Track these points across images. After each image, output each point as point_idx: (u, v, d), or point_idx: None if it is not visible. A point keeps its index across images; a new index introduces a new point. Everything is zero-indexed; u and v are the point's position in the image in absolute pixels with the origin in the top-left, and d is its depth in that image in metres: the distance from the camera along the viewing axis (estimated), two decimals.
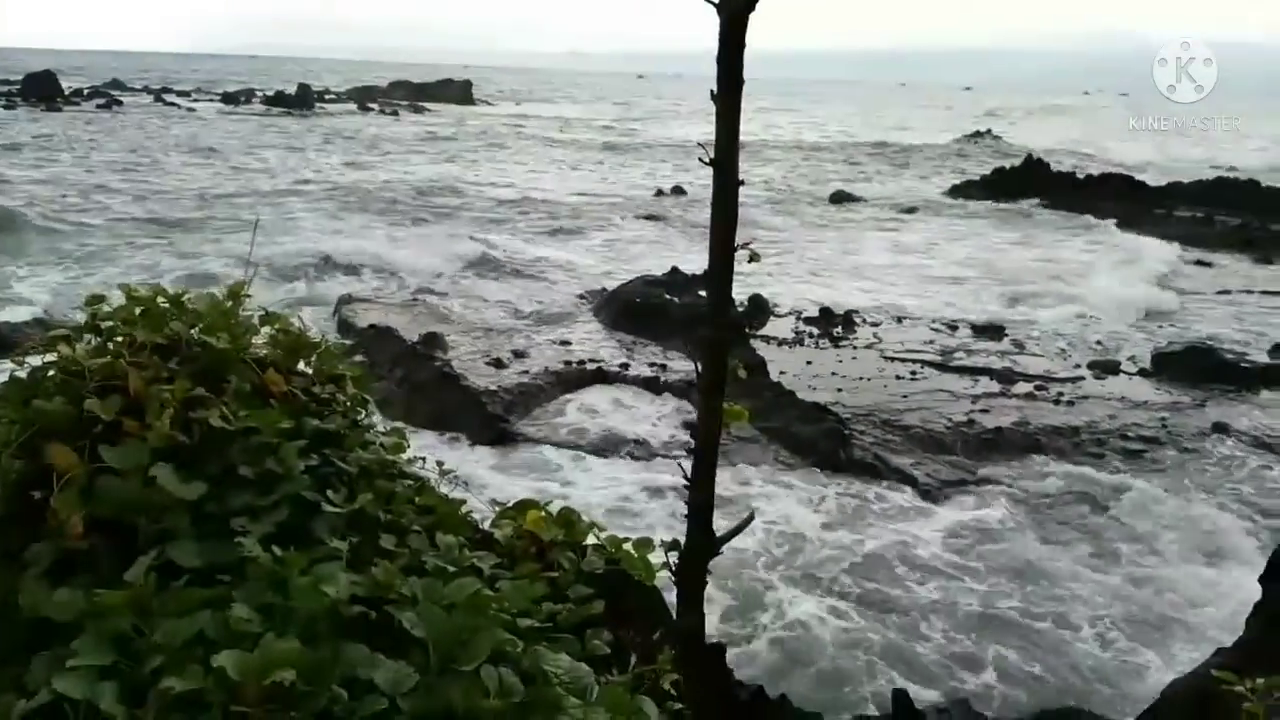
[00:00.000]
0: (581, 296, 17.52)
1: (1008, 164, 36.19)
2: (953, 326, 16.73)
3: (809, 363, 14.30)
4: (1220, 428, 11.93)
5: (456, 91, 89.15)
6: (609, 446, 10.51)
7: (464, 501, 2.70)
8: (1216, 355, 14.55)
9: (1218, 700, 3.19)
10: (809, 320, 16.82)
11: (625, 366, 13.29)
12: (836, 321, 16.69)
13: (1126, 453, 11.22)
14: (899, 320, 17.10)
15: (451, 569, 2.13)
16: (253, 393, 2.32)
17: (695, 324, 14.65)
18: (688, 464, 2.27)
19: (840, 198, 33.15)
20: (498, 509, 2.91)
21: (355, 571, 1.92)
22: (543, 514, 2.77)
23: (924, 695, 6.18)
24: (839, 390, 12.98)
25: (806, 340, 15.67)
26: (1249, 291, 20.81)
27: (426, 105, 77.48)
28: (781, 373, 13.40)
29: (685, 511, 2.36)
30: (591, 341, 14.69)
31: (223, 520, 1.96)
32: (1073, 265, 22.83)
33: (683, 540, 1.88)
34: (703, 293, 17.55)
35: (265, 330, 2.59)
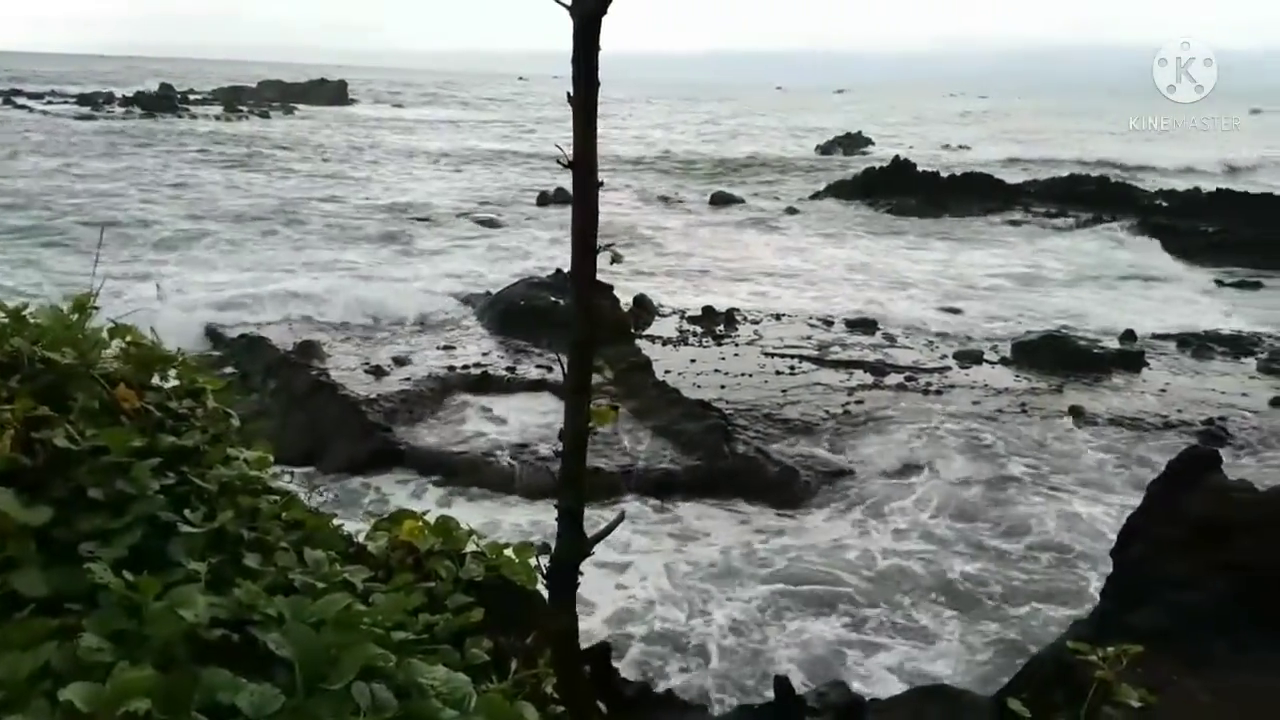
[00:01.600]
0: (464, 301, 17.28)
1: (877, 165, 37.51)
2: (828, 322, 17.27)
3: (693, 361, 14.52)
4: (1075, 410, 12.70)
5: (331, 92, 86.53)
6: (494, 451, 10.40)
7: (334, 515, 2.64)
8: (1071, 343, 15.51)
9: (1074, 670, 3.40)
10: (692, 319, 17.08)
11: (511, 370, 13.20)
12: (719, 320, 17.01)
13: (991, 432, 11.82)
14: (778, 318, 17.53)
15: (321, 585, 2.08)
16: (102, 410, 2.21)
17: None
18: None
19: (720, 199, 33.74)
20: (372, 521, 2.85)
21: (216, 593, 1.85)
22: (419, 523, 2.73)
23: (806, 681, 6.38)
24: (722, 387, 13.24)
25: (690, 339, 15.90)
26: (1097, 281, 22.27)
27: (299, 106, 74.91)
28: (666, 371, 13.57)
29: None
30: (475, 346, 14.52)
31: (71, 546, 1.86)
32: (937, 261, 23.91)
33: (553, 544, 1.88)
34: None
35: (115, 344, 2.47)
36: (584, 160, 1.56)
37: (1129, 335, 16.62)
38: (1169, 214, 30.76)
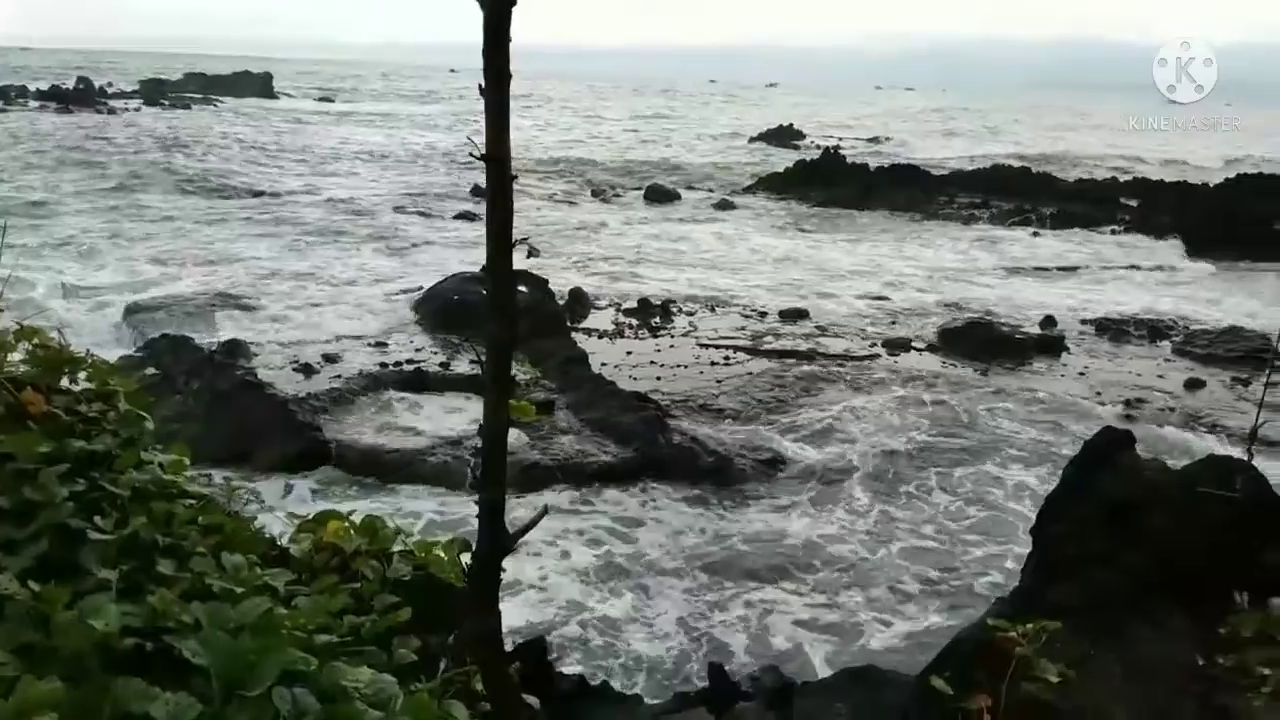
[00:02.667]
0: (396, 296, 17.03)
1: (808, 157, 37.98)
2: (762, 313, 17.46)
3: (629, 353, 14.56)
4: (998, 393, 13.09)
5: (256, 84, 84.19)
6: (428, 448, 10.28)
7: (255, 518, 2.58)
8: (995, 329, 15.97)
9: (996, 647, 3.50)
10: (628, 312, 17.12)
11: (445, 366, 13.05)
12: (655, 312, 17.07)
13: (919, 415, 12.19)
14: (713, 309, 17.67)
15: (240, 590, 2.04)
16: (8, 415, 2.14)
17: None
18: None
19: (655, 193, 33.81)
20: (296, 522, 2.80)
21: (130, 601, 1.80)
22: (344, 524, 2.69)
23: (742, 662, 6.47)
24: (658, 378, 13.30)
25: (627, 331, 15.94)
26: (1018, 269, 22.92)
27: (222, 99, 72.75)
28: (603, 364, 13.58)
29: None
30: (409, 342, 14.33)
31: None
32: (867, 252, 24.33)
33: (474, 541, 1.87)
34: (522, 288, 17.49)
35: (22, 346, 2.38)
36: (497, 154, 1.55)
37: (1049, 321, 17.15)
38: (1087, 202, 31.81)
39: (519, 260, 1.59)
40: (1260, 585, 4.48)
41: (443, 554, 2.79)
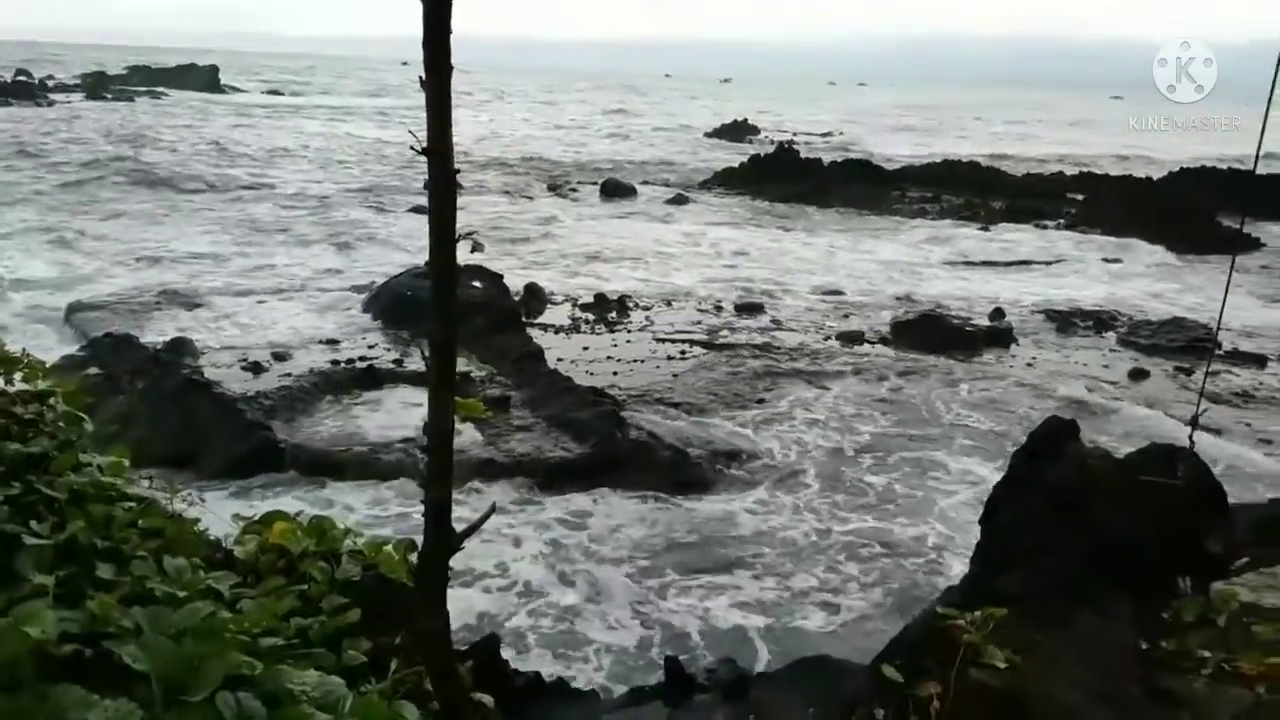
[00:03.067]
0: (348, 292, 16.82)
1: (762, 152, 38.16)
2: (718, 307, 17.54)
3: (585, 348, 14.53)
4: (949, 385, 13.30)
5: (201, 77, 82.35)
6: (381, 446, 10.16)
7: (197, 520, 2.53)
8: (946, 321, 16.21)
9: (945, 634, 3.55)
10: (585, 307, 17.08)
11: (399, 363, 12.90)
12: (611, 307, 17.05)
13: (871, 407, 12.38)
14: (669, 304, 17.70)
15: (182, 594, 2.01)
16: None
17: (469, 315, 14.47)
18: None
19: (611, 189, 33.74)
20: (242, 524, 2.75)
21: (68, 607, 1.76)
22: (291, 525, 2.64)
23: (698, 654, 6.50)
24: (614, 374, 13.29)
25: (583, 326, 15.90)
26: (969, 262, 23.29)
27: (167, 93, 71.08)
28: (559, 359, 13.54)
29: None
30: (361, 339, 14.15)
31: None
32: (821, 246, 24.55)
33: (420, 540, 1.85)
34: (476, 283, 17.35)
35: None
36: (439, 147, 1.52)
37: (998, 313, 17.45)
38: (1034, 196, 32.44)
39: (463, 256, 1.58)
40: (1202, 570, 4.60)
41: (394, 553, 2.76)
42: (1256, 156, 4.42)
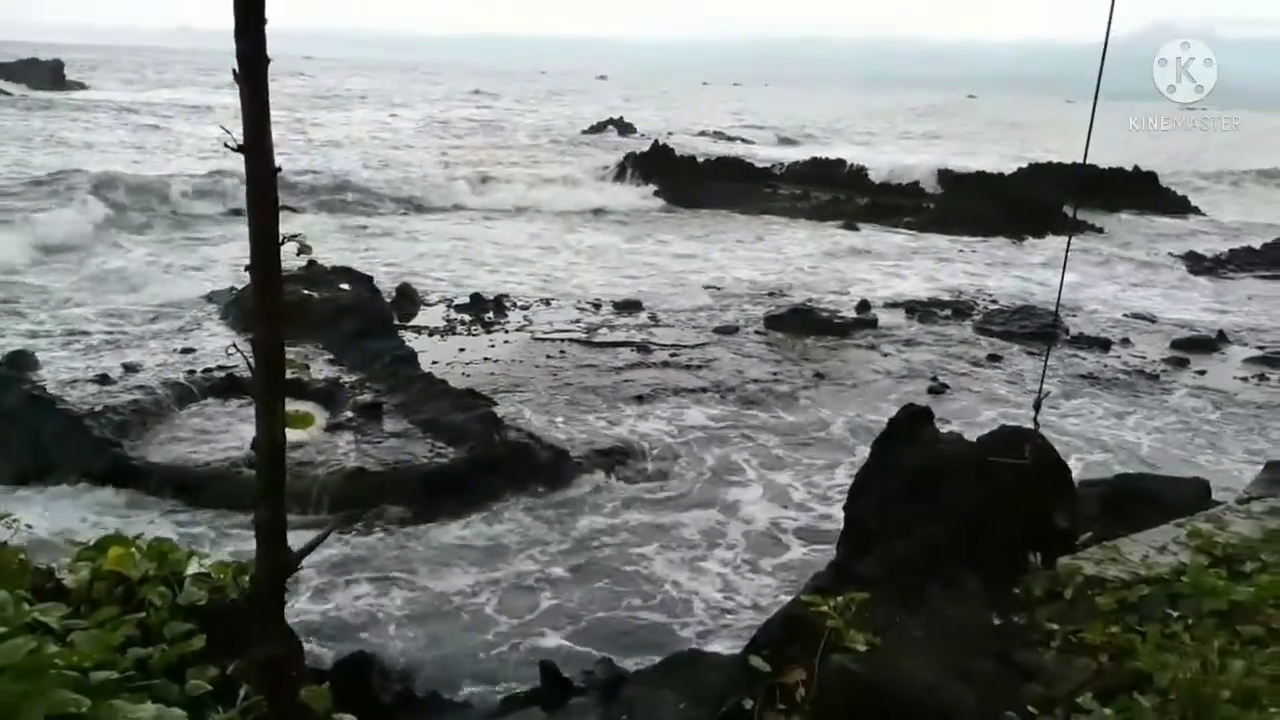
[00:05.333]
0: (207, 298, 16.04)
1: (638, 150, 38.40)
2: (596, 305, 17.56)
3: (462, 350, 14.30)
4: (819, 375, 13.79)
5: (44, 74, 76.68)
6: (242, 460, 9.70)
7: (22, 548, 2.36)
8: (815, 314, 16.85)
9: (807, 621, 3.66)
10: (460, 308, 16.81)
11: None
12: (488, 307, 16.83)
13: (748, 399, 12.76)
14: (547, 303, 17.61)
15: (3, 630, 1.87)
16: None
17: (337, 319, 14.05)
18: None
19: (485, 186, 33.25)
20: (76, 549, 2.58)
21: None
22: (129, 549, 2.49)
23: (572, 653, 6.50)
24: (492, 374, 13.13)
25: (459, 328, 15.64)
26: (837, 256, 24.11)
27: (6, 90, 66.07)
28: (434, 362, 13.28)
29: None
30: (219, 346, 13.49)
31: None
32: (697, 242, 24.95)
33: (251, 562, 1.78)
34: (345, 285, 16.79)
35: None
36: (257, 143, 1.45)
37: (864, 305, 18.12)
38: (897, 194, 33.93)
39: (289, 259, 1.51)
40: (1050, 545, 4.89)
41: (245, 574, 2.65)
42: (1086, 150, 4.70)
